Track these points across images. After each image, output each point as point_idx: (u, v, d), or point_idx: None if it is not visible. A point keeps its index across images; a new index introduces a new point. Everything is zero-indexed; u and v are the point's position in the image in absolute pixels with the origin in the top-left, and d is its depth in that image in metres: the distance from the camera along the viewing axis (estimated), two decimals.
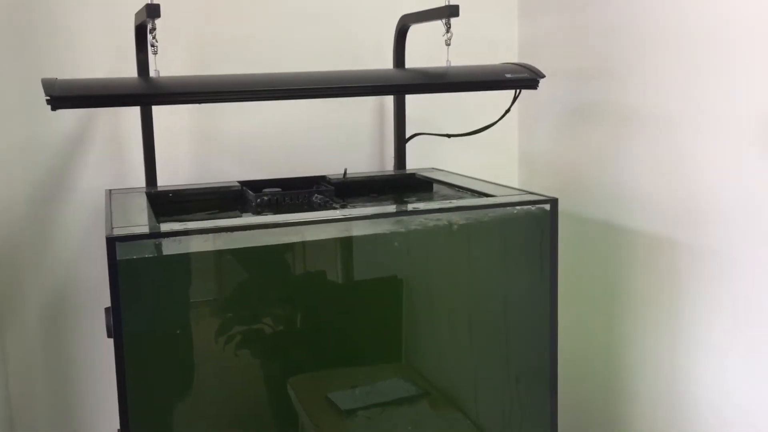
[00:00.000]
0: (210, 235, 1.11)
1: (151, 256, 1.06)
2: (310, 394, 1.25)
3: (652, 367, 1.48)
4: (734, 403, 1.30)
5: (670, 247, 1.40)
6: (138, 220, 1.17)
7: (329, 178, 1.49)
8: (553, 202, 1.25)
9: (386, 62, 1.62)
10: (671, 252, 1.39)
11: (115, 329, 1.07)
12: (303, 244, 1.19)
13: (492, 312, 1.31)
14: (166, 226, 1.10)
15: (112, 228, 1.06)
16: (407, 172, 1.62)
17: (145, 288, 1.08)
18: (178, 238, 1.08)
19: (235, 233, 1.12)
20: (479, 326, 1.30)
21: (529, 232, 1.29)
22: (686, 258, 1.36)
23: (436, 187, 1.51)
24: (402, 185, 1.58)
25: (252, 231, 1.13)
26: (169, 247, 1.08)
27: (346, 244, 1.22)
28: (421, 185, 1.55)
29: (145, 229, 1.08)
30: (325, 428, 1.25)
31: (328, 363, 1.24)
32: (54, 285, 1.59)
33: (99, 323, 1.19)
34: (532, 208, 1.26)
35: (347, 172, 1.51)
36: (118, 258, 1.02)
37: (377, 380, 1.27)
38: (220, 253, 1.14)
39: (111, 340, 1.08)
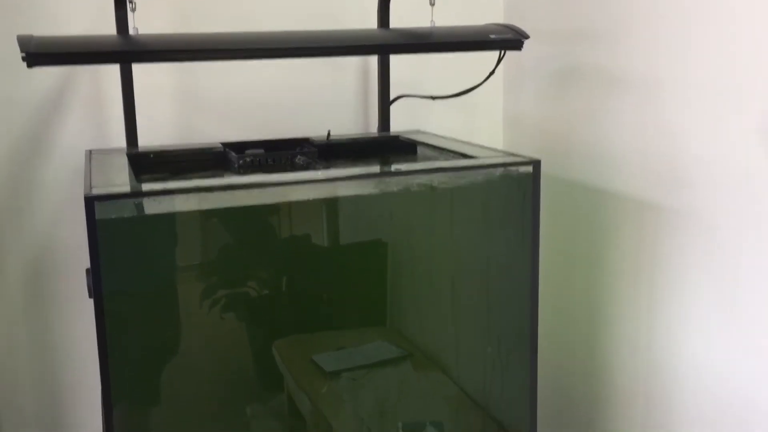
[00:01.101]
0: (191, 195, 1.10)
1: (130, 216, 1.05)
2: (295, 356, 1.25)
3: (632, 330, 1.49)
4: (715, 365, 1.31)
5: (653, 212, 1.40)
6: (118, 179, 1.16)
7: (312, 140, 1.48)
8: (536, 163, 1.25)
9: (371, 23, 1.60)
10: (654, 216, 1.40)
11: (94, 290, 1.07)
12: (285, 205, 1.18)
13: (474, 274, 1.32)
14: (146, 186, 1.09)
15: (91, 187, 1.05)
16: (391, 134, 1.61)
17: (124, 249, 1.08)
18: (158, 198, 1.07)
19: (217, 193, 1.12)
20: (461, 288, 1.31)
21: (512, 195, 1.29)
22: (669, 222, 1.37)
23: (420, 149, 1.50)
24: (386, 147, 1.57)
25: (233, 191, 1.13)
26: (150, 207, 1.07)
27: (329, 205, 1.22)
28: (405, 147, 1.54)
29: (125, 189, 1.07)
30: (310, 390, 1.26)
31: (313, 326, 1.25)
32: (35, 246, 1.58)
33: (81, 284, 1.19)
34: (515, 169, 1.26)
35: (330, 134, 1.50)
36: (97, 218, 1.01)
37: (361, 343, 1.28)
38: (201, 214, 1.13)
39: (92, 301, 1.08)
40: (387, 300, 1.27)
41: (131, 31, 1.21)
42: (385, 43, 1.37)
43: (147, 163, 1.37)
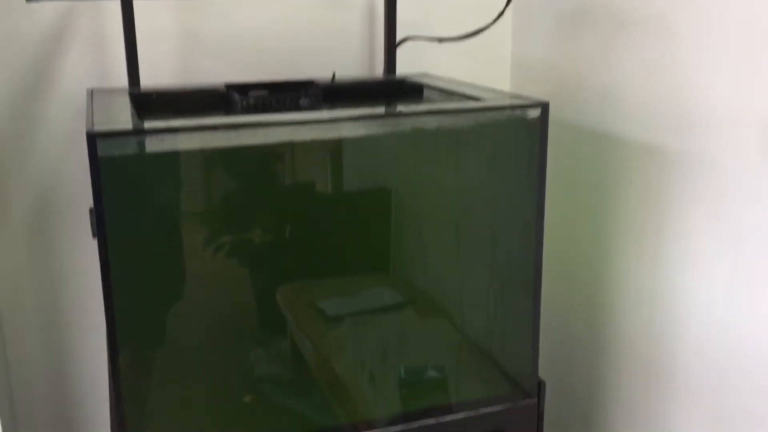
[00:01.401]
0: (195, 134, 1.09)
1: (133, 154, 1.04)
2: (298, 302, 1.25)
3: (636, 275, 1.49)
4: (719, 312, 1.31)
5: (660, 156, 1.38)
6: (120, 117, 1.14)
7: (317, 82, 1.45)
8: (544, 106, 1.23)
9: None
10: (663, 162, 1.38)
11: (98, 230, 1.06)
12: (289, 146, 1.17)
13: (479, 219, 1.31)
14: (149, 124, 1.07)
15: (93, 124, 1.04)
16: (397, 77, 1.58)
17: (127, 188, 1.07)
18: (161, 136, 1.06)
19: (220, 133, 1.10)
20: (466, 233, 1.30)
21: (519, 138, 1.27)
22: (678, 168, 1.35)
23: (426, 92, 1.48)
24: (391, 90, 1.55)
25: (237, 131, 1.11)
26: (153, 145, 1.06)
27: (333, 147, 1.20)
28: (411, 91, 1.52)
29: (128, 126, 1.06)
30: (313, 335, 1.27)
31: (316, 272, 1.25)
32: (38, 187, 1.57)
33: (85, 225, 1.19)
34: (523, 112, 1.24)
35: (335, 76, 1.48)
36: (99, 155, 1.00)
37: (364, 289, 1.28)
38: (204, 154, 1.12)
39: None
40: (390, 246, 1.27)
41: None
42: None
43: (149, 103, 1.35)
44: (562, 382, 1.77)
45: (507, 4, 1.39)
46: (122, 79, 1.46)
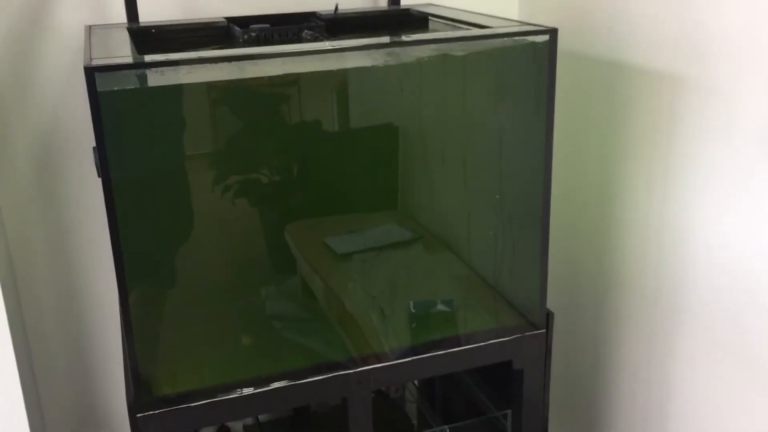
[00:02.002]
0: (195, 66, 1.06)
1: (134, 88, 1.02)
2: (307, 239, 1.25)
3: (645, 206, 1.47)
4: (729, 243, 1.30)
5: (672, 84, 1.35)
6: (119, 52, 1.12)
7: (320, 14, 1.42)
8: (553, 32, 1.19)
9: None
10: (672, 89, 1.35)
11: (101, 168, 1.05)
12: (293, 78, 1.14)
13: (487, 150, 1.29)
14: (148, 57, 1.05)
15: (91, 59, 1.02)
16: (401, 7, 1.54)
17: (130, 124, 1.05)
18: (161, 70, 1.03)
19: (222, 65, 1.08)
20: (474, 166, 1.29)
21: (527, 67, 1.24)
22: (688, 95, 1.32)
23: (431, 23, 1.45)
24: (396, 21, 1.51)
25: (239, 62, 1.09)
26: (153, 80, 1.03)
27: (339, 81, 1.17)
28: (415, 21, 1.48)
29: (127, 59, 1.04)
30: (322, 272, 1.27)
31: (324, 209, 1.24)
32: (41, 126, 1.56)
33: (90, 164, 1.18)
34: (531, 40, 1.21)
35: (338, 7, 1.44)
36: (98, 90, 0.98)
37: (372, 226, 1.27)
38: (206, 87, 1.10)
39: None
40: (398, 181, 1.26)
41: None
42: None
43: (149, 38, 1.32)
44: (570, 313, 1.77)
45: None
46: (121, 16, 1.43)
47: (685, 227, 1.38)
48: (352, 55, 1.15)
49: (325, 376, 1.25)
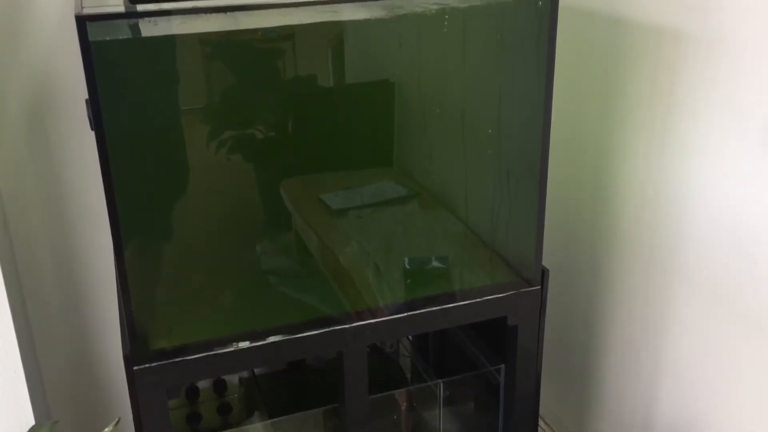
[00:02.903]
0: (189, 17, 1.04)
1: (126, 38, 1.00)
2: (302, 195, 1.25)
3: (644, 162, 1.47)
4: (728, 197, 1.30)
5: (673, 39, 1.34)
6: (111, 0, 1.09)
7: None
8: None
9: None
10: (673, 43, 1.34)
11: (94, 120, 1.04)
12: (288, 31, 1.13)
13: (485, 105, 1.28)
14: (141, 7, 1.03)
15: (82, 7, 1.00)
16: None
17: (123, 76, 1.03)
18: (154, 20, 1.01)
19: (216, 16, 1.06)
20: (472, 120, 1.27)
21: (527, 19, 1.22)
22: (689, 50, 1.31)
23: None
24: None
25: (233, 13, 1.07)
26: (147, 30, 1.01)
27: (334, 32, 1.16)
28: None
29: (119, 9, 1.01)
30: (317, 227, 1.27)
31: (319, 166, 1.23)
32: (32, 81, 1.54)
33: (84, 117, 1.16)
34: None
35: None
36: (90, 39, 0.96)
37: (368, 183, 1.27)
38: (200, 38, 1.08)
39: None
40: (394, 137, 1.25)
41: None
42: None
43: None
44: (565, 270, 1.78)
45: None
46: None
47: (682, 184, 1.38)
48: (349, 8, 1.13)
49: (321, 331, 1.26)
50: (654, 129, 1.42)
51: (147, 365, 1.16)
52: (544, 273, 1.38)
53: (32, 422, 1.55)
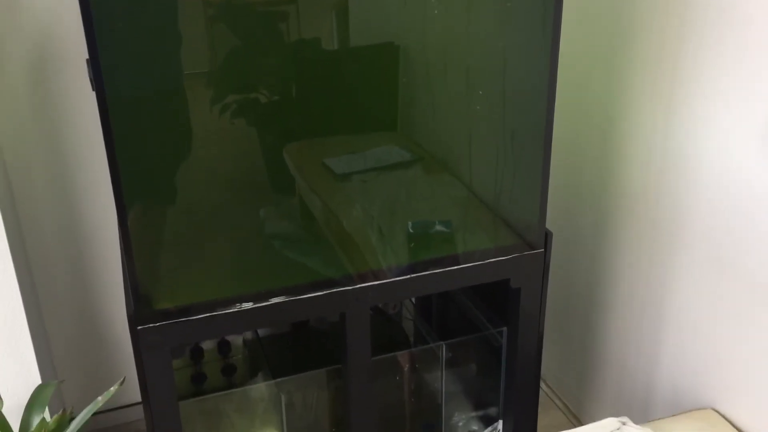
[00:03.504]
0: None
1: None
2: (306, 160, 1.24)
3: (650, 125, 1.46)
4: (732, 163, 1.29)
5: (683, 3, 1.32)
6: None
7: None
8: None
9: None
10: (683, 7, 1.32)
11: (95, 80, 1.03)
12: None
13: (490, 69, 1.27)
14: None
15: None
16: None
17: (123, 33, 1.02)
18: None
19: None
20: (476, 86, 1.26)
21: None
22: (699, 14, 1.29)
23: None
24: None
25: None
26: None
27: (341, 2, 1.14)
28: None
29: None
30: (321, 192, 1.26)
31: (323, 130, 1.22)
32: (33, 41, 1.53)
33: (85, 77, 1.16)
34: None
35: None
36: None
37: (372, 147, 1.26)
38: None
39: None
40: (398, 101, 1.24)
41: None
42: None
43: None
44: (568, 234, 1.78)
45: None
46: None
47: (689, 147, 1.37)
48: None
49: (324, 292, 1.26)
50: (661, 92, 1.41)
51: (151, 325, 1.17)
52: (547, 236, 1.38)
53: (39, 381, 1.57)
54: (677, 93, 1.37)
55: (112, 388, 1.43)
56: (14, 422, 1.47)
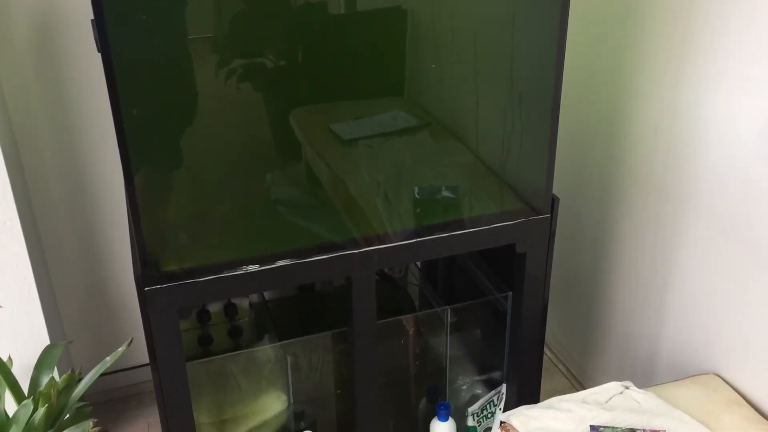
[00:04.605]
0: None
1: None
2: (312, 125, 1.24)
3: (658, 89, 1.44)
4: (740, 129, 1.28)
5: None
6: None
7: None
8: None
9: None
10: None
11: (101, 41, 1.02)
12: None
13: (499, 32, 1.25)
14: None
15: None
16: None
17: None
18: None
19: None
20: (485, 48, 1.25)
21: None
22: None
23: None
24: None
25: None
26: None
27: None
28: None
29: None
30: (328, 156, 1.26)
31: (330, 95, 1.22)
32: (40, 3, 1.52)
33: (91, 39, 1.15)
34: None
35: None
36: None
37: (378, 112, 1.25)
38: None
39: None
40: (405, 66, 1.23)
41: None
42: None
43: None
44: (575, 199, 1.78)
45: None
46: None
47: (697, 114, 1.36)
48: None
49: (330, 256, 1.27)
50: (670, 56, 1.39)
51: (158, 287, 1.18)
52: (554, 201, 1.38)
53: (47, 342, 1.59)
54: (687, 54, 1.35)
55: (120, 349, 1.45)
56: (24, 382, 1.50)
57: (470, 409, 1.59)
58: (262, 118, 1.20)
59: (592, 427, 1.21)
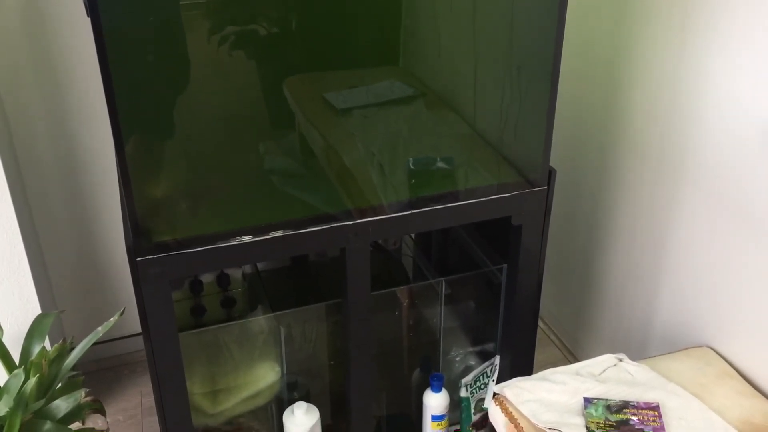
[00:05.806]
0: None
1: None
2: (306, 94, 1.22)
3: (659, 60, 1.43)
4: (742, 97, 1.27)
5: None
6: None
7: None
8: None
9: None
10: None
11: (90, 5, 1.00)
12: None
13: (497, 1, 1.23)
14: None
15: None
16: None
17: None
18: None
19: None
20: (482, 17, 1.23)
21: None
22: None
23: None
24: None
25: None
26: None
27: None
28: None
29: None
30: (321, 126, 1.25)
31: (324, 64, 1.20)
32: None
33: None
34: None
35: None
36: None
37: (373, 82, 1.24)
38: None
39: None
40: (401, 35, 1.21)
41: None
42: None
43: None
44: (572, 173, 1.77)
45: None
46: None
47: (699, 82, 1.34)
48: None
49: (323, 227, 1.26)
50: (672, 23, 1.38)
51: (150, 257, 1.17)
52: (551, 174, 1.37)
53: (38, 311, 1.58)
54: (690, 21, 1.33)
55: (112, 319, 1.44)
56: (14, 351, 1.49)
57: (463, 381, 1.60)
58: (256, 86, 1.18)
59: (585, 399, 1.22)
